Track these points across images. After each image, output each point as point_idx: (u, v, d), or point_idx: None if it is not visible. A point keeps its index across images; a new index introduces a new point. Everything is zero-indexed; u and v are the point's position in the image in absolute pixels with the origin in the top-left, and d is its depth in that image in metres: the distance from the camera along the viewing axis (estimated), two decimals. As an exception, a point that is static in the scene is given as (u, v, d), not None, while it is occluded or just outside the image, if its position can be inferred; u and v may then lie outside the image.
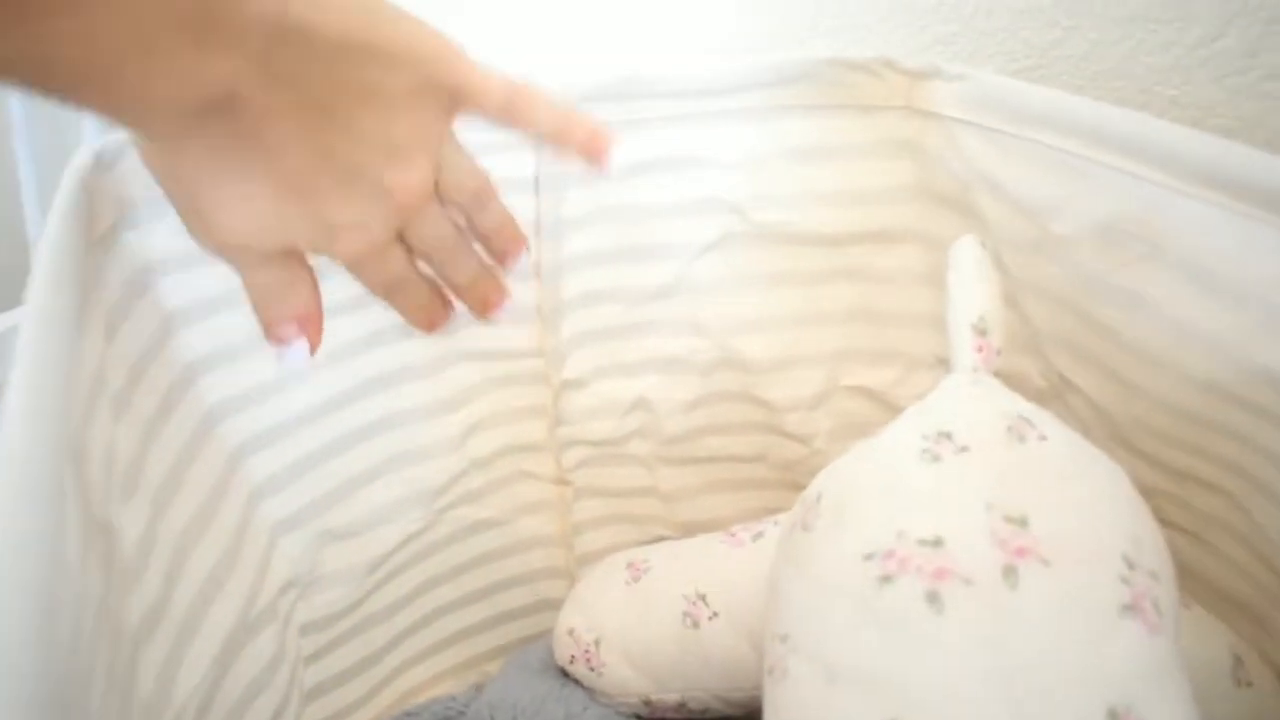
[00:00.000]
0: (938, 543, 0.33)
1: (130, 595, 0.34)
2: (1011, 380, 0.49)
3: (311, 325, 0.36)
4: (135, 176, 0.39)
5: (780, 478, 0.61)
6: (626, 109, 0.48)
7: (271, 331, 0.36)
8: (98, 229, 0.37)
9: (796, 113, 0.50)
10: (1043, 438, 0.36)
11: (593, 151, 0.38)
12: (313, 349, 0.37)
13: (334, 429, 0.49)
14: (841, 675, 0.32)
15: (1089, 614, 0.31)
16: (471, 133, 0.46)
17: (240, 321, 0.43)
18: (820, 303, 0.55)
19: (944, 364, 0.54)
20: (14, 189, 0.88)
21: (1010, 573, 0.32)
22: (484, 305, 0.41)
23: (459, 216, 0.39)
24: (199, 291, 0.42)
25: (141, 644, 0.34)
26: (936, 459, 0.36)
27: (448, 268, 0.39)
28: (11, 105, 0.84)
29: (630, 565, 0.54)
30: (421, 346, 0.50)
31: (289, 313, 0.36)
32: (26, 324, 0.29)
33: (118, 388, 0.36)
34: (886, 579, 0.33)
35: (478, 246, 0.39)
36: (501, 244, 0.40)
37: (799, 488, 0.60)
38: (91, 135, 0.40)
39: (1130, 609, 0.32)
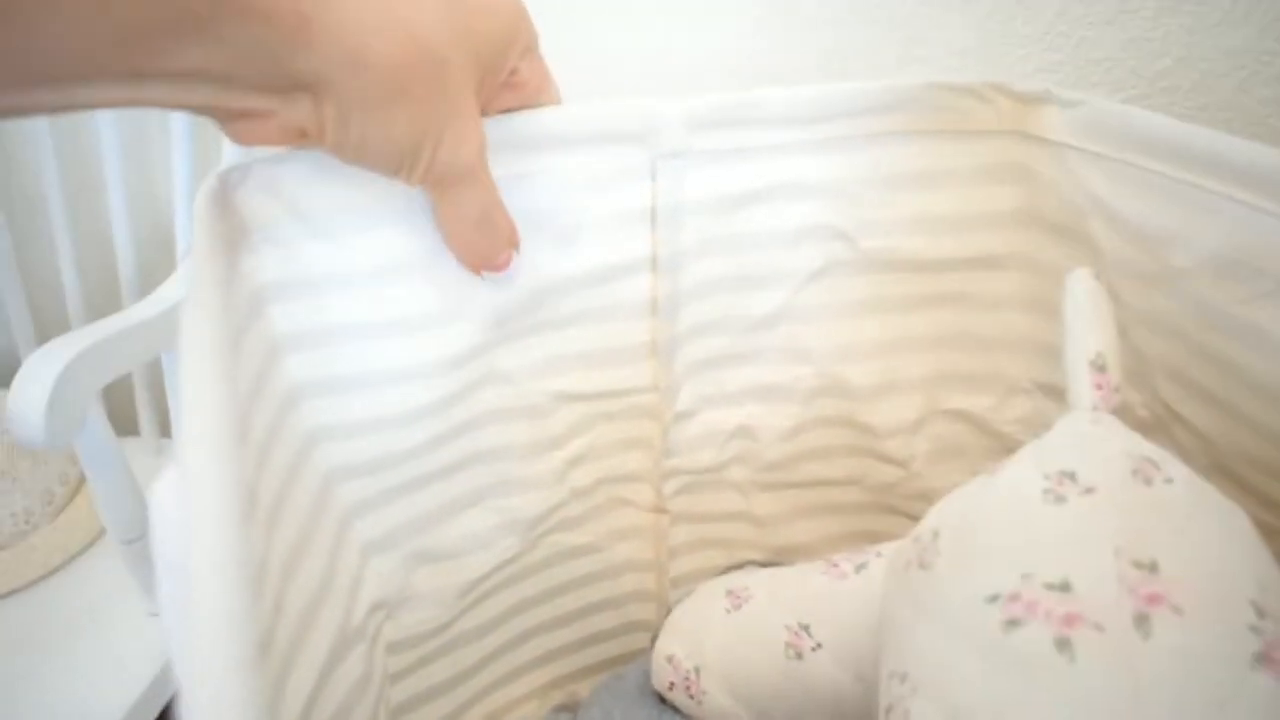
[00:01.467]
0: (1065, 587, 0.32)
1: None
2: (1118, 411, 0.49)
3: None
4: (253, 201, 0.40)
5: (873, 501, 0.60)
6: (740, 136, 0.48)
7: (490, 263, 0.44)
8: (226, 255, 0.38)
9: (903, 138, 0.49)
10: (1169, 480, 0.36)
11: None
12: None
13: (430, 462, 0.49)
14: (968, 717, 0.32)
15: (1221, 664, 0.31)
16: (596, 164, 0.46)
17: (342, 351, 0.44)
18: (921, 327, 0.54)
19: (1043, 390, 0.54)
20: (170, 204, 0.91)
21: (1142, 621, 0.31)
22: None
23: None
24: (306, 318, 0.43)
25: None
26: (1061, 499, 0.35)
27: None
28: (173, 119, 0.86)
29: (730, 593, 0.54)
30: (530, 391, 0.51)
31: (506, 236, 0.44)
32: (186, 358, 0.30)
33: (239, 413, 0.37)
34: (1013, 623, 0.32)
35: None
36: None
37: (892, 511, 0.60)
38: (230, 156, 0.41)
39: (1262, 658, 0.31)
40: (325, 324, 0.43)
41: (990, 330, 0.54)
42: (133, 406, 0.96)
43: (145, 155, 1.01)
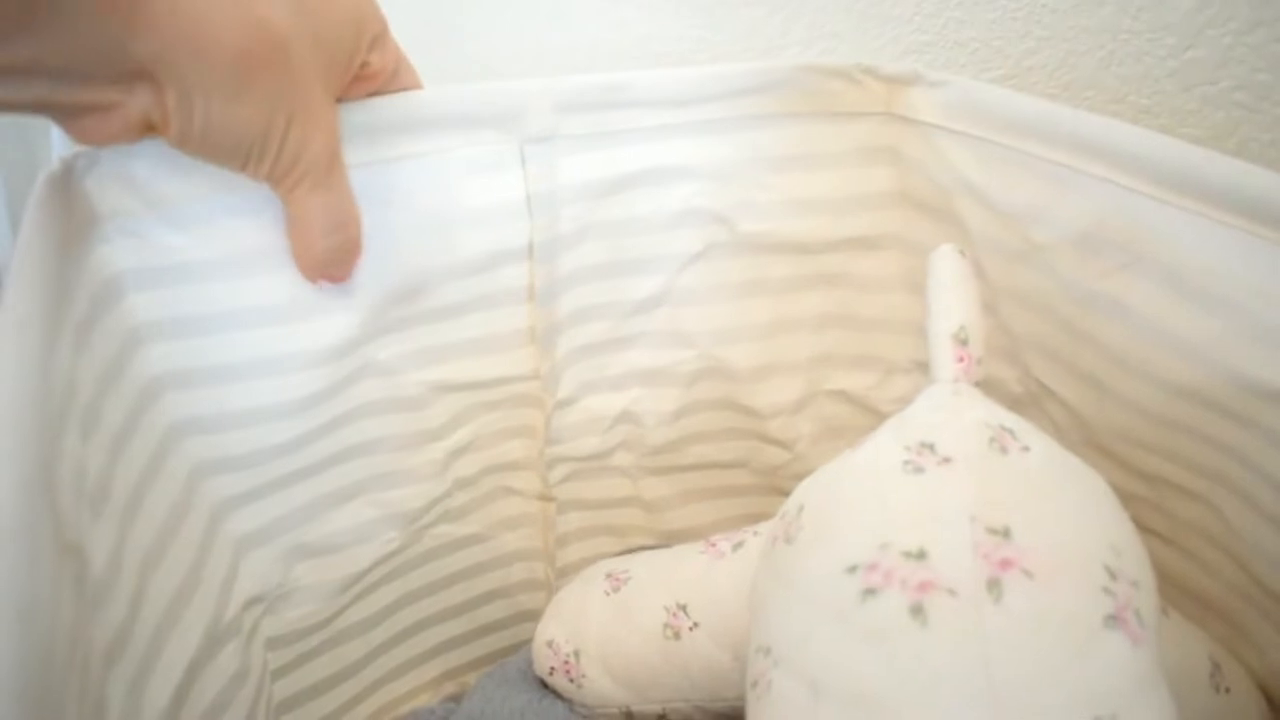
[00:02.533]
0: (921, 555, 0.33)
1: (98, 617, 0.33)
2: (989, 387, 0.49)
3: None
4: (104, 189, 0.39)
5: (762, 483, 0.61)
6: (605, 119, 0.47)
7: (343, 270, 0.43)
8: (67, 241, 0.36)
9: (776, 120, 0.50)
10: (1025, 449, 0.36)
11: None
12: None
13: (309, 456, 0.48)
14: (826, 689, 0.32)
15: (1072, 626, 0.31)
16: (463, 149, 0.46)
17: (207, 342, 0.42)
18: (800, 309, 0.55)
19: (921, 368, 0.54)
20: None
21: (994, 585, 0.32)
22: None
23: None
24: (165, 309, 0.41)
25: (110, 666, 0.34)
26: (919, 470, 0.36)
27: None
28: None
29: (610, 576, 0.54)
30: (406, 383, 0.50)
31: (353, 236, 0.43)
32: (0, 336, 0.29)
33: (86, 402, 0.36)
34: (870, 592, 0.33)
35: None
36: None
37: (781, 492, 0.60)
38: (60, 147, 0.40)
39: (1113, 619, 0.32)
40: (188, 314, 0.42)
41: (869, 310, 0.55)
42: None
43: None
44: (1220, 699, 0.43)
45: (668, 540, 0.61)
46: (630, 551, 0.60)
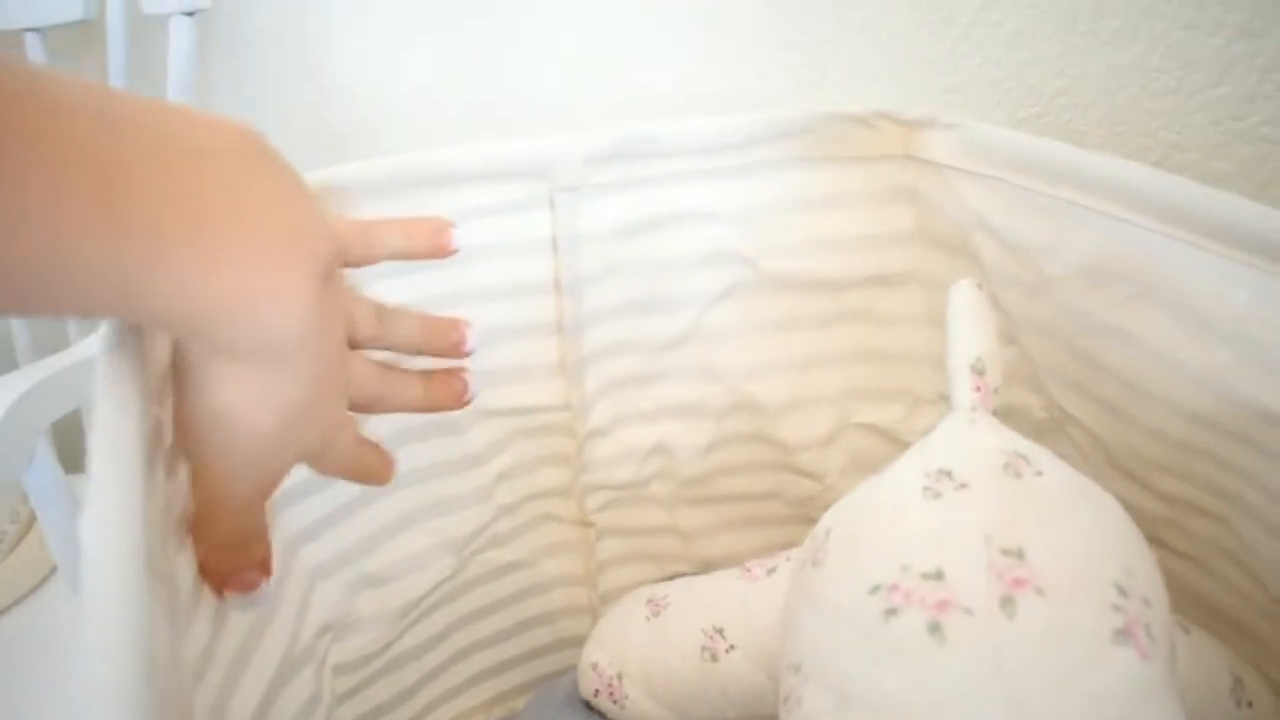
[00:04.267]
0: (939, 575, 0.35)
1: (184, 641, 0.36)
2: (1014, 413, 0.52)
3: (268, 567, 0.38)
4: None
5: (795, 514, 0.63)
6: (637, 168, 0.50)
7: (235, 579, 0.37)
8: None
9: (799, 165, 0.52)
10: (1038, 473, 0.38)
11: (438, 245, 0.43)
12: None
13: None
14: (852, 703, 0.34)
15: (1082, 641, 0.33)
16: (488, 197, 0.49)
17: None
18: (827, 345, 0.57)
19: (947, 400, 0.56)
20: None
21: (1008, 603, 0.34)
22: (454, 399, 0.45)
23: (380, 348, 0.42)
24: None
25: (195, 690, 0.36)
26: (937, 495, 0.38)
27: (392, 400, 0.43)
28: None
29: (650, 601, 0.56)
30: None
31: (256, 558, 0.38)
32: (97, 397, 0.31)
33: (171, 441, 0.39)
34: (892, 611, 0.35)
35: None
36: (439, 341, 0.44)
37: (812, 522, 0.62)
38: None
39: (1123, 634, 0.33)
40: None
41: (893, 345, 0.57)
42: (81, 443, 0.97)
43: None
44: (1242, 713, 0.45)
45: (705, 567, 0.63)
46: (670, 578, 0.62)
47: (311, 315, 0.31)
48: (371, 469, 0.43)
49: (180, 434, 0.34)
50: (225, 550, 0.36)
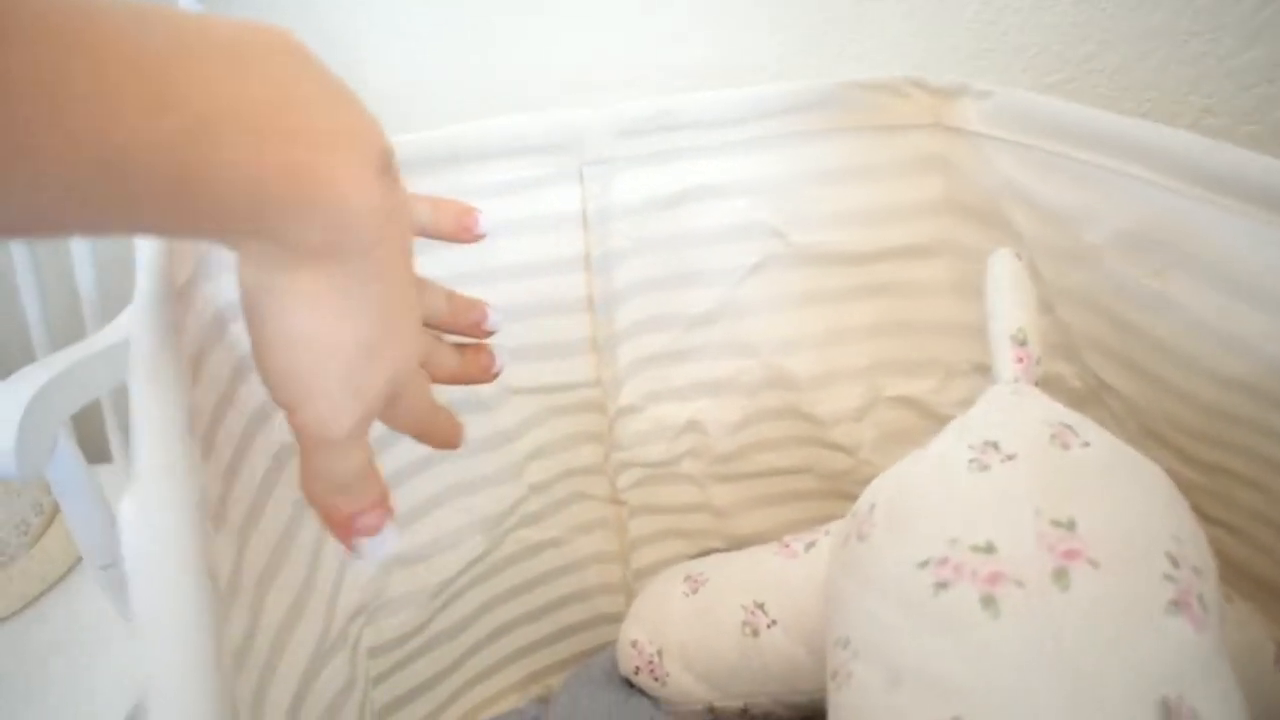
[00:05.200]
0: (990, 549, 0.35)
1: (225, 628, 0.36)
2: (1050, 383, 0.51)
3: (387, 505, 0.36)
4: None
5: (828, 488, 0.62)
6: (665, 140, 0.50)
7: (358, 523, 0.35)
8: (179, 281, 0.39)
9: (827, 135, 0.52)
10: (1085, 444, 0.38)
11: (464, 227, 0.42)
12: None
13: (398, 459, 0.51)
14: (904, 678, 0.34)
15: (1137, 612, 0.33)
16: (517, 172, 0.48)
17: None
18: (858, 317, 0.57)
19: (980, 371, 0.56)
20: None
21: (1061, 575, 0.33)
22: (484, 372, 0.43)
23: None
24: None
25: (234, 678, 0.36)
26: (985, 468, 0.37)
27: (432, 364, 0.41)
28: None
29: (688, 578, 0.56)
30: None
31: (373, 497, 0.35)
32: (135, 385, 0.31)
33: (204, 430, 0.39)
34: (942, 585, 0.35)
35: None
36: (463, 318, 0.43)
37: (846, 497, 0.62)
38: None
39: (1176, 605, 0.33)
40: None
41: (924, 316, 0.57)
42: (103, 433, 0.97)
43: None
44: (1285, 678, 0.45)
45: (738, 544, 0.63)
46: (705, 554, 0.62)
47: (381, 199, 0.30)
48: (442, 429, 0.41)
49: (267, 378, 0.32)
50: (341, 495, 0.34)
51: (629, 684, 0.57)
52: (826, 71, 0.74)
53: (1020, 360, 0.42)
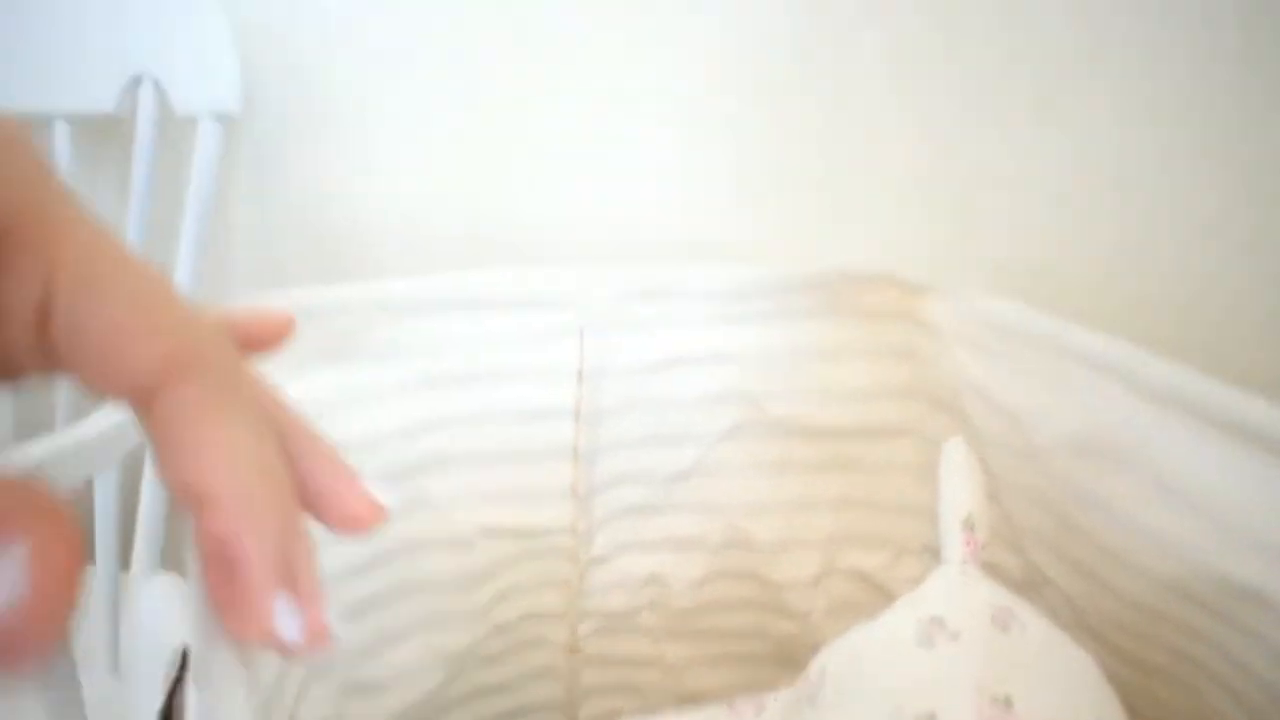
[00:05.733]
0: (931, 717, 0.37)
1: None
2: (991, 571, 0.54)
3: None
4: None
5: (774, 653, 0.64)
6: (660, 307, 0.54)
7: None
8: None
9: (810, 316, 0.56)
10: (1024, 626, 0.41)
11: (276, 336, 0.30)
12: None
13: (370, 585, 0.52)
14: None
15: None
16: (519, 322, 0.52)
17: None
18: (820, 489, 0.60)
19: (931, 551, 0.59)
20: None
21: (997, 749, 0.36)
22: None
23: None
24: None
25: None
26: (930, 643, 0.40)
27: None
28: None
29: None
30: (457, 521, 0.55)
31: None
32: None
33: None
34: (886, 750, 0.37)
35: None
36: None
37: (790, 663, 0.64)
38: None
39: (1102, 790, 0.35)
40: None
41: (882, 495, 0.60)
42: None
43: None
44: None
45: (686, 700, 0.64)
46: (649, 712, 0.63)
47: None
48: None
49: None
50: None
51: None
52: (808, 254, 0.79)
53: (969, 544, 0.45)
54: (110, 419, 0.78)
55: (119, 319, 0.19)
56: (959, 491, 0.46)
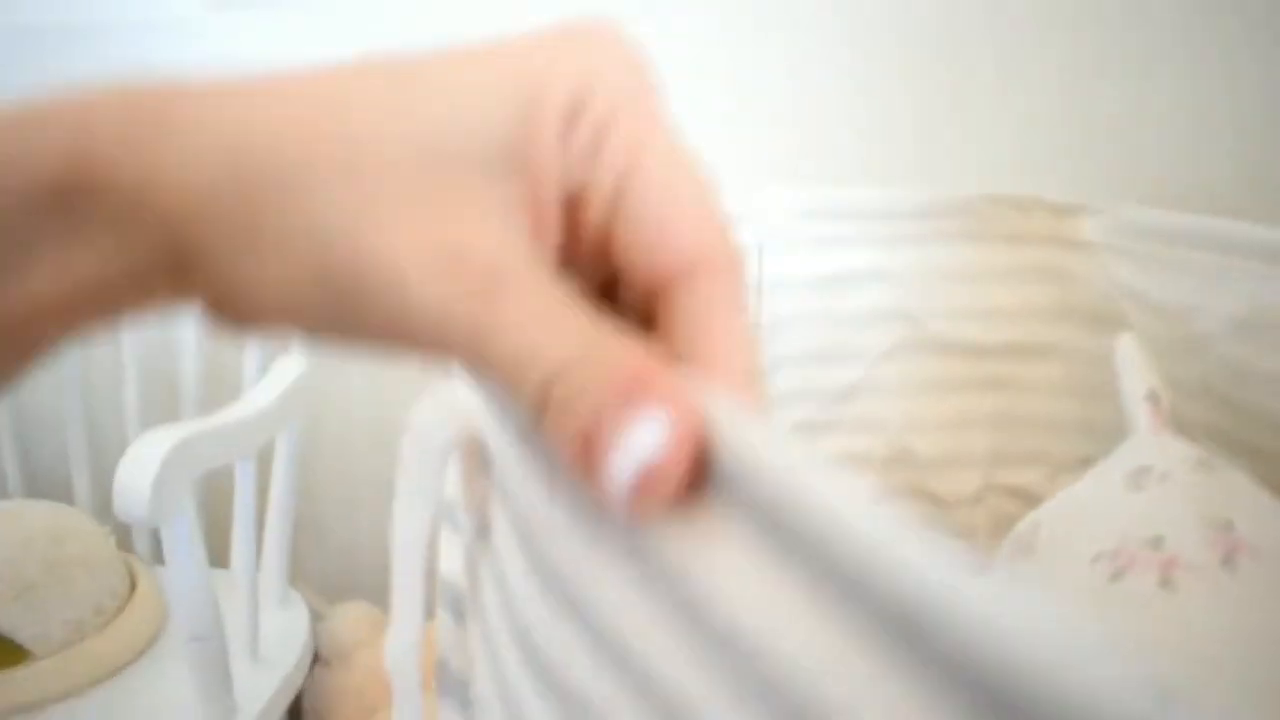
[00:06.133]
0: (1159, 542, 0.39)
1: None
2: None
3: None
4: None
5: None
6: (822, 227, 0.57)
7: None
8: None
9: (959, 238, 0.59)
10: (1226, 468, 0.43)
11: None
12: None
13: None
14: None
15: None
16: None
17: None
18: (977, 406, 0.62)
19: (1086, 464, 0.60)
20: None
21: (1228, 561, 0.38)
22: None
23: None
24: None
25: None
26: (1140, 487, 0.42)
27: None
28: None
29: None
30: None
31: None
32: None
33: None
34: (1117, 574, 0.38)
35: None
36: None
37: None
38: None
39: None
40: None
41: (1035, 411, 0.62)
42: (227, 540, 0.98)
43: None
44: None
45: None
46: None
47: None
48: None
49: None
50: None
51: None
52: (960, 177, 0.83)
53: (1156, 415, 0.47)
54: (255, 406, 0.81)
55: (684, 205, 0.22)
56: (1138, 371, 0.48)
